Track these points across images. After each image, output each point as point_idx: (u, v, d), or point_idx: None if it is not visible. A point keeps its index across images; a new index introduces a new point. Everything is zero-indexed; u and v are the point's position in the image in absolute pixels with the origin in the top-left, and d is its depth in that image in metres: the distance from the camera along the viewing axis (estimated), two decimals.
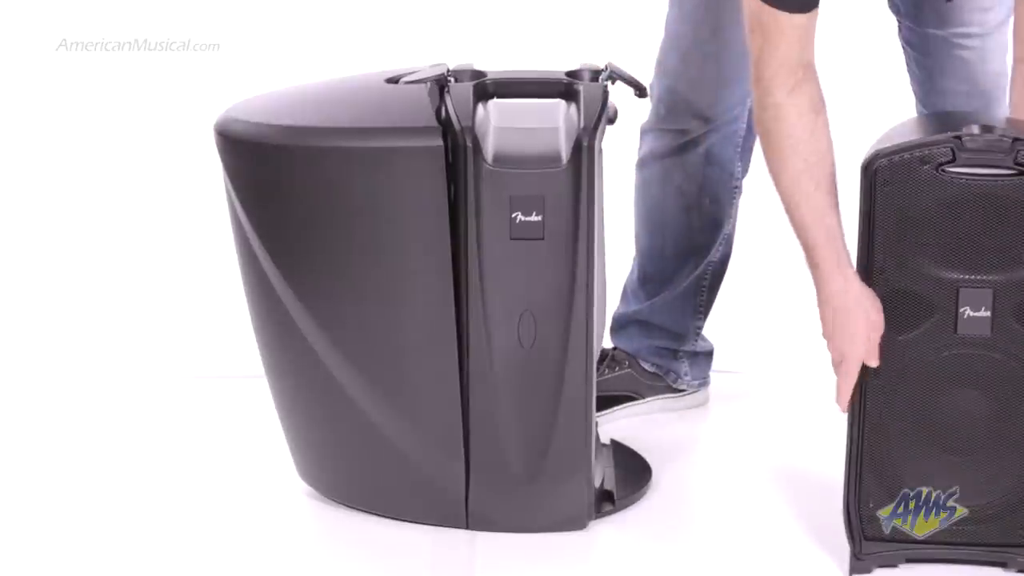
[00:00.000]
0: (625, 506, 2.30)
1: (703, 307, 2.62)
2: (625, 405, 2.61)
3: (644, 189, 2.58)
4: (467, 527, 2.23)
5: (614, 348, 2.65)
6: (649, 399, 2.63)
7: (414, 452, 2.20)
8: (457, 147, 2.09)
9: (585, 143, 2.08)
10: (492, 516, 2.22)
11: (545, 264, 2.11)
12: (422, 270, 2.10)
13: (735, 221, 2.61)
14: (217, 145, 2.15)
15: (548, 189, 2.08)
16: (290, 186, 2.11)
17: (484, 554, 2.19)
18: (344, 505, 2.29)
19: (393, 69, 2.25)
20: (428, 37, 3.44)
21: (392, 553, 2.19)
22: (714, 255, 2.59)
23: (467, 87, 2.15)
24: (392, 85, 2.18)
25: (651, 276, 2.63)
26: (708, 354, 2.68)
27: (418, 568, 2.16)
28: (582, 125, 2.10)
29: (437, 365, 2.14)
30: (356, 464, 2.26)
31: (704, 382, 2.68)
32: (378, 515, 2.26)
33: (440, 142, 2.06)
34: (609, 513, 2.27)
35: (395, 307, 2.12)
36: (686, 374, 2.65)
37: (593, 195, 2.09)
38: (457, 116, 2.10)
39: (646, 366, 2.63)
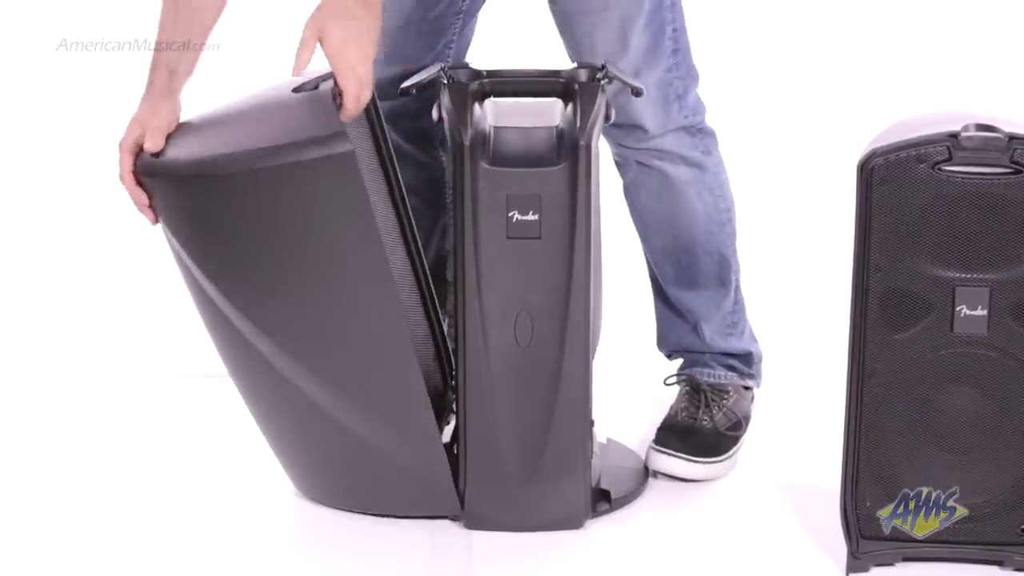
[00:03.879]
0: (622, 505, 2.30)
1: None
2: None
3: None
4: (464, 526, 2.23)
5: None
6: None
7: (392, 449, 2.18)
8: (454, 146, 2.09)
9: (582, 142, 2.08)
10: (489, 515, 2.22)
11: (542, 263, 2.11)
12: (360, 274, 2.06)
13: None
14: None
15: (545, 188, 2.08)
16: (210, 215, 2.05)
17: (481, 553, 2.19)
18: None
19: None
20: None
21: (389, 553, 2.19)
22: None
23: (464, 86, 2.16)
24: (298, 95, 2.08)
25: None
26: None
27: (415, 568, 2.16)
28: (579, 124, 2.10)
29: (395, 363, 2.11)
30: (340, 469, 2.25)
31: None
32: (374, 515, 2.26)
33: (349, 147, 1.98)
34: (606, 512, 2.27)
35: (342, 313, 2.08)
36: None
37: (590, 194, 2.09)
38: (454, 115, 2.10)
39: None
